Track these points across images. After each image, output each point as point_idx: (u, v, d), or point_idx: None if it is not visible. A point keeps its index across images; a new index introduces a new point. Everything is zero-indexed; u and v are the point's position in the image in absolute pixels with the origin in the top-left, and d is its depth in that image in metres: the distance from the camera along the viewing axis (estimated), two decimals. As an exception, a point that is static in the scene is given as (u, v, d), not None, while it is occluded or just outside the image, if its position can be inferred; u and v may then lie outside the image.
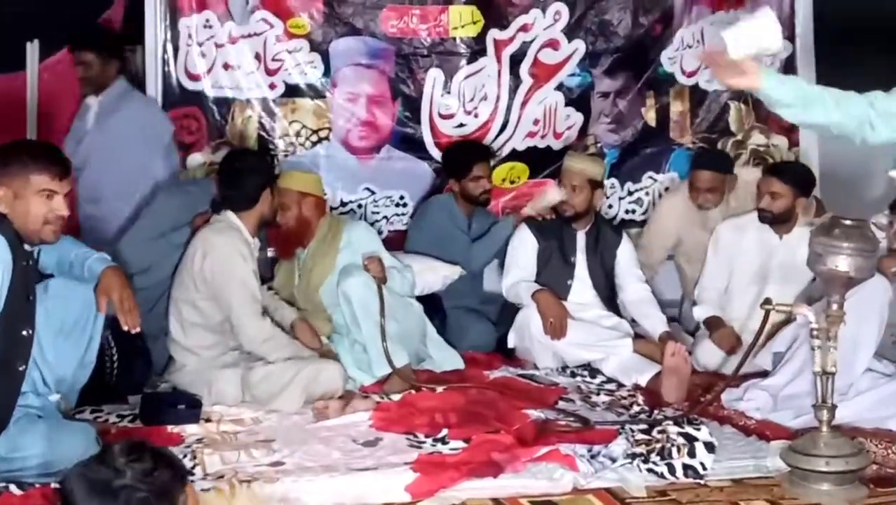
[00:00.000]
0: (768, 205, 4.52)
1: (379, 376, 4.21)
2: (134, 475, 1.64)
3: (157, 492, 1.64)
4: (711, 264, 4.74)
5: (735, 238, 4.69)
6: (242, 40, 5.09)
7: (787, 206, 4.50)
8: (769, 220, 4.55)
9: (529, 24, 5.38)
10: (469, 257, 4.95)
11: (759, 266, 4.62)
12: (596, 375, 4.47)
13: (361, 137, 5.29)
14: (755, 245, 4.64)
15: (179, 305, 4.05)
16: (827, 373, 3.26)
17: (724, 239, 4.72)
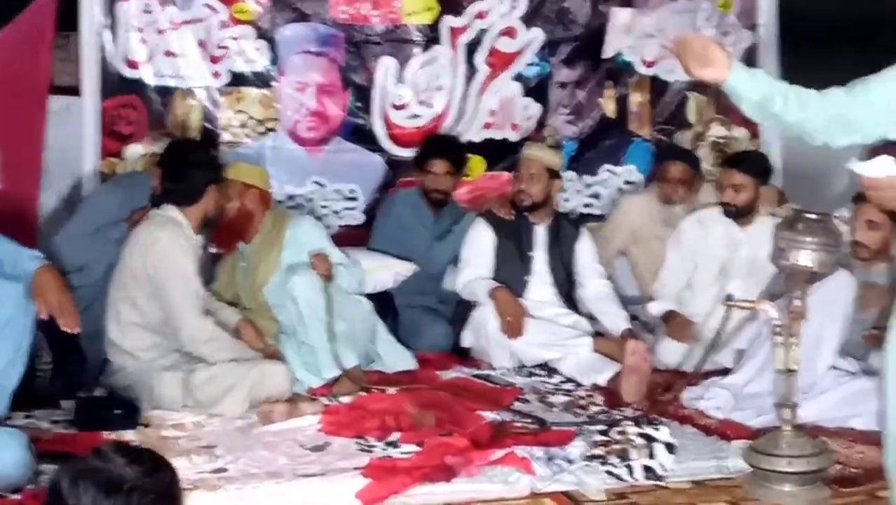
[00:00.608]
0: (732, 198, 4.51)
1: (327, 378, 4.09)
2: (137, 476, 1.58)
3: (163, 493, 1.60)
4: (673, 260, 4.71)
5: (698, 233, 4.65)
6: (185, 26, 4.94)
7: (750, 198, 4.51)
8: (734, 214, 4.53)
9: (485, 11, 5.28)
10: (430, 256, 4.85)
11: (723, 261, 4.60)
12: (553, 375, 4.41)
13: (310, 128, 5.16)
14: (719, 240, 4.61)
15: (118, 305, 3.91)
16: (789, 371, 3.24)
17: (688, 234, 4.68)
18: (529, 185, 4.65)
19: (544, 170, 4.67)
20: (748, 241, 4.54)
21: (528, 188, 4.66)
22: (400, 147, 5.26)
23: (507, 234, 4.70)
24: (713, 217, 4.61)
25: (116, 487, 1.55)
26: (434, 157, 4.89)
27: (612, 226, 5.15)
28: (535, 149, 4.79)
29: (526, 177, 4.67)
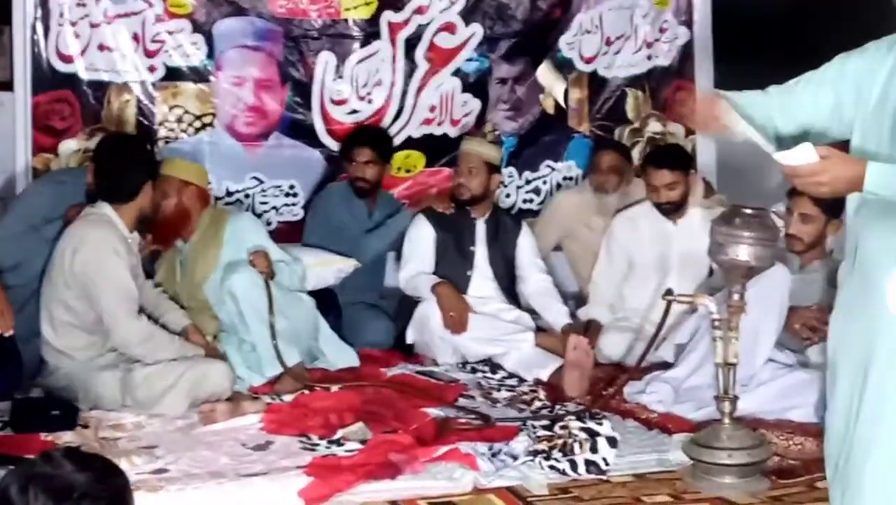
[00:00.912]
0: (668, 197, 4.55)
1: (269, 376, 4.05)
2: (88, 482, 1.54)
3: (114, 499, 1.56)
4: (605, 260, 4.75)
5: (630, 230, 4.69)
6: (119, 20, 4.83)
7: (684, 192, 4.56)
8: (669, 211, 4.58)
9: (425, 6, 5.24)
10: (363, 247, 4.81)
11: (658, 256, 4.63)
12: (497, 371, 4.41)
13: (248, 124, 5.09)
14: (651, 235, 4.65)
15: (51, 305, 3.83)
16: (728, 364, 3.27)
17: (619, 232, 4.72)
18: (469, 180, 4.65)
19: (483, 164, 4.68)
20: (680, 234, 4.59)
21: (467, 182, 4.66)
22: (339, 142, 5.20)
23: (448, 230, 4.70)
24: (644, 213, 4.66)
25: (67, 493, 1.52)
26: (357, 146, 4.86)
27: (545, 221, 5.18)
28: (474, 143, 4.79)
29: (465, 171, 4.67)
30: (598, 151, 5.12)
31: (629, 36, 5.55)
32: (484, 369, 4.42)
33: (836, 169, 2.12)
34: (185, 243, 4.27)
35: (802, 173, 2.14)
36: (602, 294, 4.70)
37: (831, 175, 2.11)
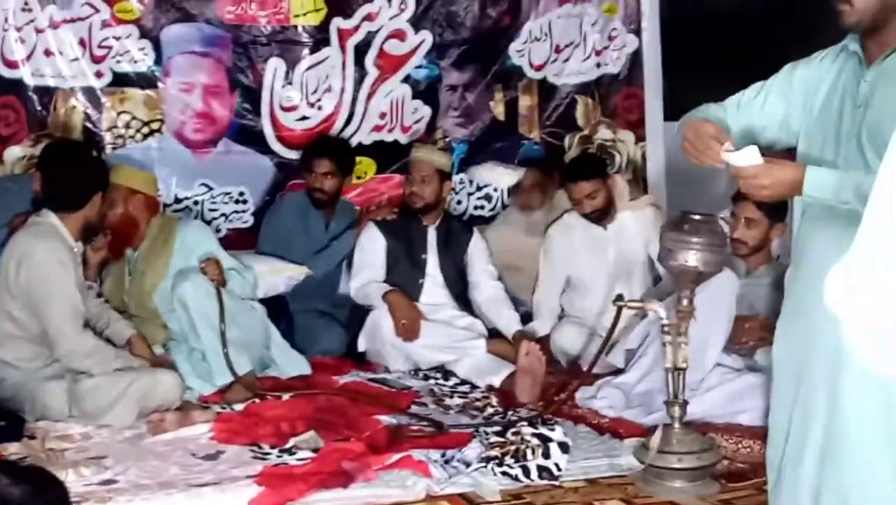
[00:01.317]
0: (591, 206, 4.61)
1: (220, 385, 4.01)
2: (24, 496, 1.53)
3: None
4: (545, 273, 4.79)
5: (564, 240, 4.74)
6: (65, 25, 4.78)
7: (606, 198, 4.63)
8: (596, 219, 4.64)
9: (374, 13, 5.23)
10: (320, 257, 4.78)
11: (595, 262, 4.68)
12: (449, 378, 4.40)
13: (197, 130, 5.04)
14: (585, 242, 4.71)
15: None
16: (678, 369, 3.29)
17: (555, 243, 4.76)
18: (422, 188, 4.65)
19: (435, 171, 4.68)
20: (613, 238, 4.67)
21: (420, 190, 4.65)
22: (289, 149, 5.18)
23: (399, 238, 4.69)
24: (575, 221, 4.71)
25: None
26: (317, 157, 4.83)
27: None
28: (425, 151, 4.80)
29: (418, 179, 4.67)
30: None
31: (578, 44, 5.59)
32: (436, 376, 4.41)
33: (777, 172, 2.16)
34: (135, 252, 4.22)
35: (746, 175, 2.18)
36: (546, 309, 4.75)
37: (773, 178, 2.16)
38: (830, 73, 2.33)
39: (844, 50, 2.31)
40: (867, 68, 2.22)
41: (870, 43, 2.22)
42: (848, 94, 2.26)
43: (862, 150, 2.17)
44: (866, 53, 2.24)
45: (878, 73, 2.19)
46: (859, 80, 2.24)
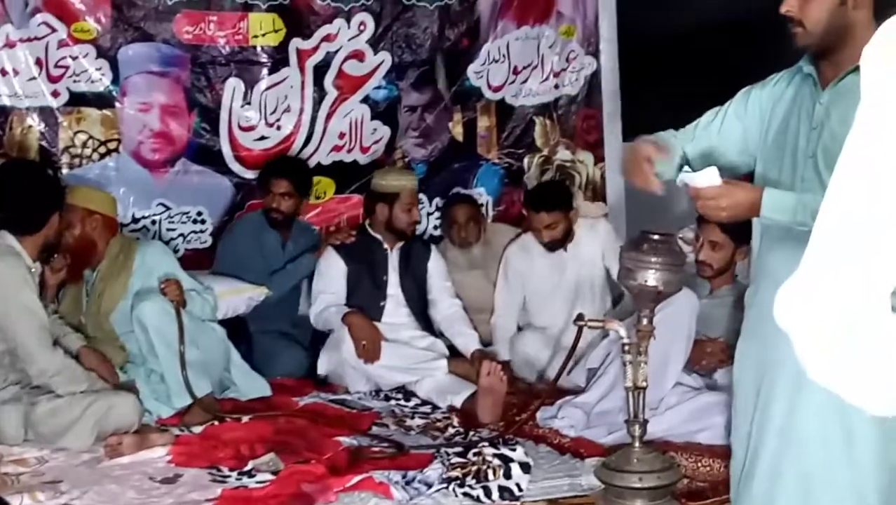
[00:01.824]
0: (551, 236, 4.65)
1: (178, 407, 3.96)
2: None
3: None
4: (503, 292, 4.81)
5: (524, 259, 4.77)
6: (21, 44, 4.72)
7: (565, 228, 4.67)
8: (556, 247, 4.68)
9: (333, 34, 5.22)
10: (277, 278, 4.75)
11: (555, 282, 4.71)
12: (410, 398, 4.38)
13: (154, 150, 5.00)
14: (544, 262, 4.74)
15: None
16: (638, 388, 3.28)
17: (514, 263, 4.79)
18: (415, 214, 4.72)
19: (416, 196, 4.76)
20: (572, 258, 4.71)
21: (414, 216, 4.72)
22: (248, 169, 5.15)
23: (360, 261, 4.68)
24: (532, 242, 4.74)
25: None
26: (275, 177, 4.80)
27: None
28: (411, 179, 4.80)
29: (409, 206, 4.69)
30: (451, 207, 5.11)
31: (536, 65, 5.63)
32: (397, 397, 4.39)
33: (735, 194, 2.19)
34: (93, 272, 4.17)
35: (705, 196, 2.20)
36: (504, 332, 4.77)
37: (731, 199, 2.18)
38: (786, 96, 2.37)
39: (799, 72, 2.35)
40: (822, 90, 2.26)
41: (824, 65, 2.25)
42: (804, 115, 2.29)
43: (818, 172, 2.20)
44: (821, 76, 2.28)
45: (833, 96, 2.22)
46: (815, 102, 2.27)
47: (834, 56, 2.21)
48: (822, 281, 1.10)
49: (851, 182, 1.08)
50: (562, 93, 5.70)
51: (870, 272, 1.07)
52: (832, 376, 1.12)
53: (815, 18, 2.19)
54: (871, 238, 1.06)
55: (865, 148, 1.07)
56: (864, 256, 1.07)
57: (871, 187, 1.06)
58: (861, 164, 1.07)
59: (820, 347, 1.11)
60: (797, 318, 1.12)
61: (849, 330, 1.09)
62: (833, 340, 1.10)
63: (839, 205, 1.10)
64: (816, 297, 1.10)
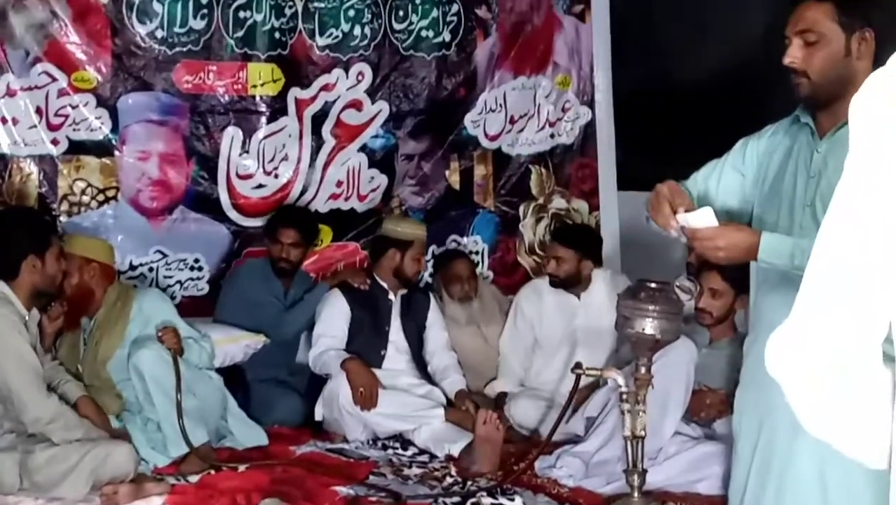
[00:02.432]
0: (554, 270, 4.67)
1: (175, 456, 3.92)
2: None
3: None
4: (511, 332, 4.81)
5: (535, 302, 4.77)
6: (22, 93, 4.74)
7: (572, 270, 4.66)
8: (560, 284, 4.67)
9: (332, 83, 5.26)
10: (281, 324, 4.74)
11: (564, 329, 4.69)
12: (408, 447, 4.34)
13: (153, 198, 5.00)
14: (556, 307, 4.73)
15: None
16: (636, 437, 3.28)
17: (525, 304, 4.79)
18: (420, 264, 4.77)
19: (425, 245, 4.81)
20: (584, 307, 4.69)
21: (420, 267, 4.78)
22: (245, 217, 5.16)
23: (364, 307, 4.68)
24: (545, 285, 4.76)
25: None
26: (284, 227, 4.83)
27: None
28: (422, 228, 4.86)
29: (419, 256, 4.76)
30: (449, 263, 5.07)
31: (532, 115, 5.67)
32: (395, 446, 4.35)
33: (733, 236, 2.20)
34: (90, 320, 4.16)
35: (702, 237, 2.21)
36: (510, 366, 4.75)
37: (728, 241, 2.20)
38: (782, 145, 2.39)
39: (796, 122, 2.37)
40: (820, 140, 2.29)
41: (822, 115, 2.28)
42: (801, 164, 2.31)
43: (816, 220, 2.21)
44: (818, 125, 2.30)
45: (831, 145, 2.25)
46: (812, 152, 2.29)
47: (832, 106, 2.24)
48: (813, 328, 1.10)
49: (841, 229, 1.10)
50: (557, 142, 5.74)
51: (861, 320, 1.08)
52: (823, 426, 1.12)
53: (820, 69, 2.22)
54: (862, 285, 1.07)
55: (854, 195, 1.08)
56: (854, 304, 1.08)
57: (860, 234, 1.07)
58: (850, 211, 1.08)
59: (811, 396, 1.11)
60: (788, 366, 1.13)
61: (840, 379, 1.09)
62: (823, 389, 1.10)
63: (829, 251, 1.11)
64: (807, 344, 1.10)
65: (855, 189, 1.08)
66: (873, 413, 1.09)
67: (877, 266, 1.05)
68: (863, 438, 1.11)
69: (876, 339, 1.08)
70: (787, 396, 1.12)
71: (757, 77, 5.67)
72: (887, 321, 1.07)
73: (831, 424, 1.12)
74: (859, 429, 1.11)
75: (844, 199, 1.10)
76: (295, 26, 5.16)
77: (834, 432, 1.12)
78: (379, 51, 5.32)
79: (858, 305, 1.07)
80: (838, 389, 1.09)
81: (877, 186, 1.05)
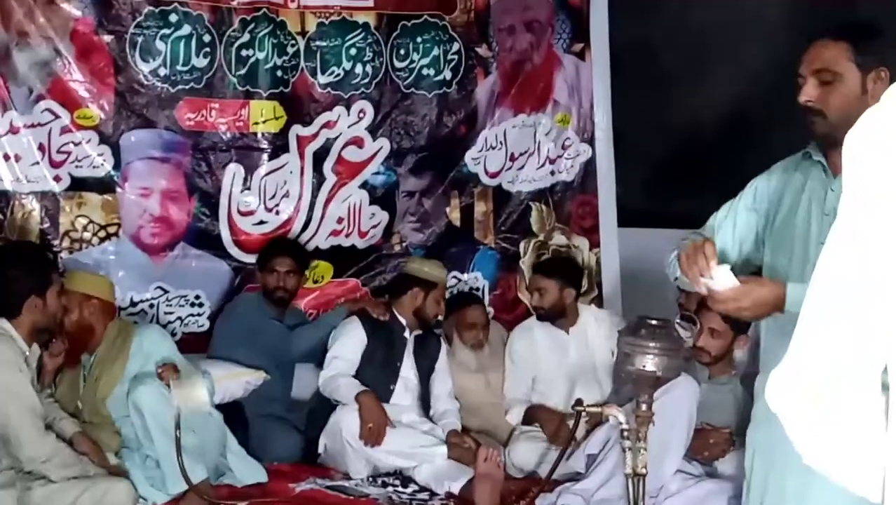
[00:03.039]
0: (539, 302, 4.72)
1: (174, 494, 3.91)
2: None
3: None
4: (511, 371, 4.82)
5: (527, 341, 4.80)
6: (25, 130, 4.76)
7: (555, 299, 4.70)
8: (545, 317, 4.72)
9: (333, 121, 5.28)
10: (287, 346, 4.75)
11: (557, 365, 4.71)
12: (408, 484, 4.32)
13: (154, 234, 5.01)
14: (547, 343, 4.76)
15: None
16: (637, 474, 3.25)
17: (518, 346, 4.82)
18: (440, 307, 4.79)
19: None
20: (574, 342, 4.73)
21: (439, 310, 4.79)
22: (246, 253, 5.16)
23: (380, 341, 4.66)
24: (534, 323, 4.79)
25: None
26: (277, 256, 4.85)
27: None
28: (444, 271, 4.92)
29: (440, 298, 4.79)
30: (464, 309, 5.00)
31: (532, 152, 5.68)
32: (395, 483, 4.33)
33: (756, 293, 2.16)
34: (90, 356, 4.15)
35: (723, 298, 2.18)
36: (517, 402, 4.73)
37: (752, 299, 2.16)
38: (792, 183, 2.38)
39: (807, 158, 2.36)
40: (834, 178, 2.27)
41: (835, 153, 2.26)
42: (815, 202, 2.30)
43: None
44: (831, 163, 2.29)
45: (847, 183, 2.24)
46: (826, 190, 2.28)
47: None
48: (810, 361, 1.10)
49: (836, 264, 1.10)
50: (557, 179, 5.75)
51: (858, 351, 1.08)
52: (821, 456, 1.12)
53: (836, 108, 2.21)
54: (859, 317, 1.07)
55: (849, 229, 1.09)
56: (851, 335, 1.08)
57: (855, 268, 1.07)
58: (845, 247, 1.09)
59: (806, 424, 1.11)
60: (786, 399, 1.13)
61: (837, 409, 1.09)
62: (821, 421, 1.10)
63: (825, 285, 1.11)
64: (805, 377, 1.10)
65: (850, 223, 1.09)
66: (869, 441, 1.09)
67: (873, 296, 1.06)
68: (858, 467, 1.10)
69: (875, 370, 1.08)
70: (786, 430, 1.11)
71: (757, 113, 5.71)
72: (884, 350, 1.07)
73: (828, 454, 1.11)
74: (855, 457, 1.10)
75: (839, 234, 1.10)
76: (297, 64, 5.19)
77: (830, 462, 1.12)
78: (380, 88, 5.35)
79: (856, 338, 1.07)
80: (836, 420, 1.09)
81: (872, 220, 1.06)
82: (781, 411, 1.12)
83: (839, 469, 1.11)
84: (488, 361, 4.93)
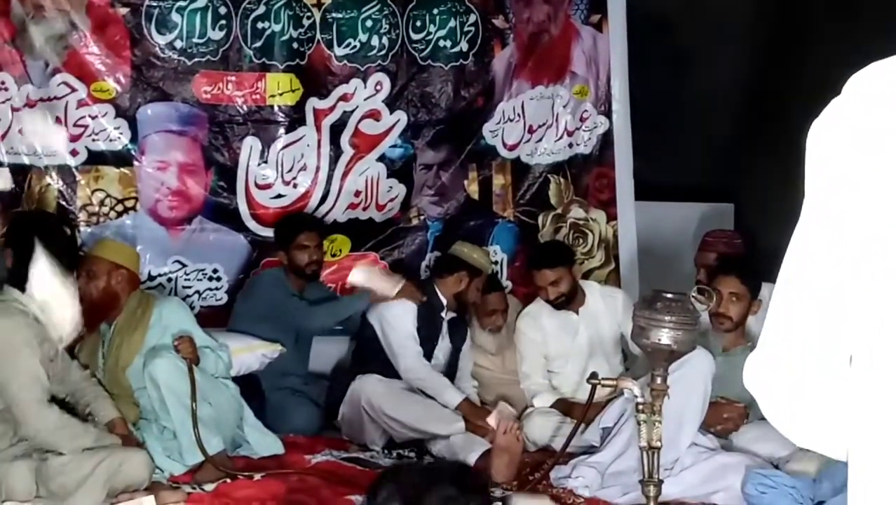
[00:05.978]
0: (556, 294, 4.64)
1: (190, 465, 3.93)
2: None
3: None
4: (524, 357, 4.79)
5: (535, 326, 4.76)
6: (41, 104, 4.79)
7: (570, 284, 4.66)
8: (563, 305, 4.68)
9: (350, 93, 5.27)
10: (306, 322, 4.76)
11: (569, 344, 4.69)
12: (423, 456, 4.33)
13: (171, 208, 5.03)
14: (557, 326, 4.73)
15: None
16: (652, 448, 3.27)
17: (526, 331, 4.78)
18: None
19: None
20: (585, 321, 4.71)
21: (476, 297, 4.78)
22: (264, 227, 5.17)
23: (422, 322, 4.66)
24: (541, 307, 4.74)
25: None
26: (304, 231, 4.85)
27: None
28: (489, 260, 4.94)
29: (480, 284, 4.76)
30: (485, 296, 4.89)
31: (550, 124, 5.64)
32: (410, 455, 4.35)
33: None
34: (110, 326, 4.18)
35: None
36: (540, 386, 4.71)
37: None
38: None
39: None
40: None
41: None
42: None
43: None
44: None
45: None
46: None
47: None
48: (781, 343, 1.13)
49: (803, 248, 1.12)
50: (575, 152, 5.71)
51: (827, 331, 1.10)
52: (791, 426, 1.15)
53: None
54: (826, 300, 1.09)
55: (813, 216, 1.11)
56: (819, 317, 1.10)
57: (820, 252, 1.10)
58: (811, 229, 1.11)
59: (781, 403, 1.14)
60: (760, 380, 1.15)
61: (806, 382, 1.12)
62: (793, 396, 1.13)
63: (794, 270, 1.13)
64: (777, 359, 1.13)
65: (815, 209, 1.12)
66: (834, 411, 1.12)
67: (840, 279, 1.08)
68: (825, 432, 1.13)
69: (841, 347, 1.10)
70: (762, 409, 1.15)
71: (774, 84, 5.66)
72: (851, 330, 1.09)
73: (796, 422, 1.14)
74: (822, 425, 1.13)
75: (805, 219, 1.13)
76: (313, 36, 5.18)
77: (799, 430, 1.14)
78: (397, 61, 5.32)
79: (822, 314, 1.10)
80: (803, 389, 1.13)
81: (836, 205, 1.08)
82: (755, 391, 1.16)
83: (808, 436, 1.15)
84: (506, 342, 4.92)
